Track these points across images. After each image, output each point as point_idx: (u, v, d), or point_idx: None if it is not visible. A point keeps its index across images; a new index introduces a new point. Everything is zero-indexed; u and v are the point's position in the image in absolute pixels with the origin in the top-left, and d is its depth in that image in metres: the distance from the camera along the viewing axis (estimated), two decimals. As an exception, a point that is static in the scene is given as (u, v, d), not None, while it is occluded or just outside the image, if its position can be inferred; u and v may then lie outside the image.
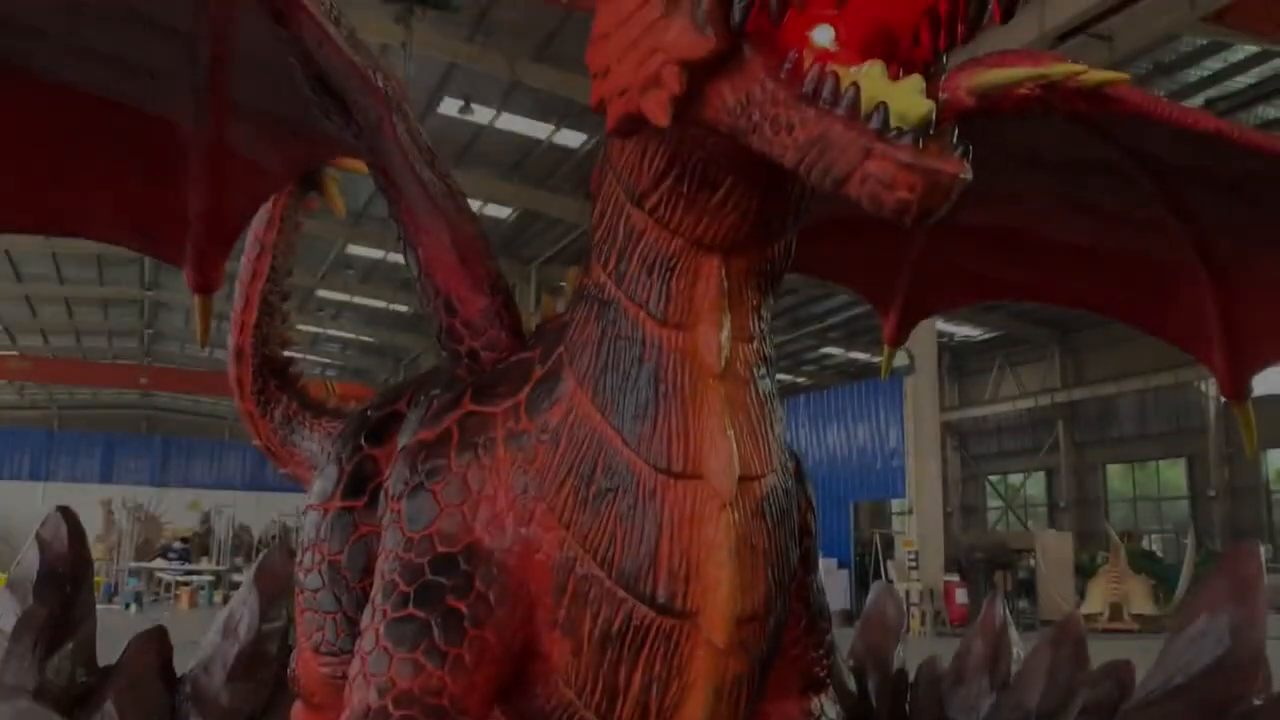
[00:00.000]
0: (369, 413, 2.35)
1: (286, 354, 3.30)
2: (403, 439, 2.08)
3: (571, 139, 20.96)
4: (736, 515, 1.61)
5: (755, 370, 1.69)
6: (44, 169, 2.55)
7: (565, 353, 1.77)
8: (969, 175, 1.19)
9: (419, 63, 16.80)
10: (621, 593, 1.64)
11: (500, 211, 25.01)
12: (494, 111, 20.17)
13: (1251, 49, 16.08)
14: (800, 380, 36.38)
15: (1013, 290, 3.44)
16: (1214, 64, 17.22)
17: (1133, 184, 2.67)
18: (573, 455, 1.69)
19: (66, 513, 3.24)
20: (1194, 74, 17.55)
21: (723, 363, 1.63)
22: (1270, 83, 17.53)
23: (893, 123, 1.18)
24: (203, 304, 2.80)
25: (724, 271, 1.65)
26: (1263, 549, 3.17)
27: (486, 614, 1.73)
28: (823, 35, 1.38)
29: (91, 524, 25.38)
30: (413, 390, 2.29)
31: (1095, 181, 2.74)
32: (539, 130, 20.89)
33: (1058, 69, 2.18)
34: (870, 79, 1.24)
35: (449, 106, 19.94)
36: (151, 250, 2.82)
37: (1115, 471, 32.21)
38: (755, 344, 1.70)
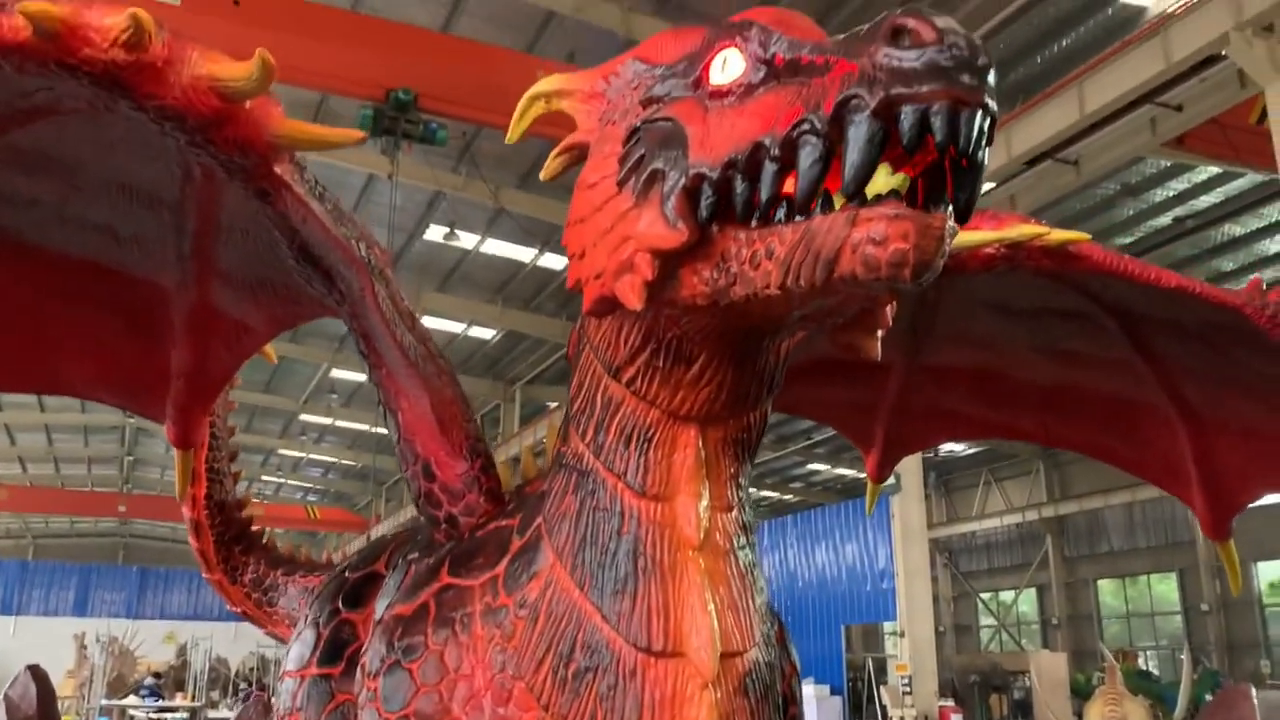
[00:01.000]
0: (347, 574, 2.32)
1: (245, 515, 3.27)
2: (380, 604, 2.06)
3: (555, 262, 21.26)
4: (719, 694, 1.58)
5: (735, 540, 1.69)
6: (29, 331, 2.57)
7: (544, 524, 1.76)
8: (956, 225, 1.22)
9: (405, 191, 17.13)
10: None
11: (484, 333, 25.18)
12: (479, 237, 20.50)
13: (1214, 170, 16.56)
14: (788, 498, 36.16)
15: (991, 429, 3.47)
16: (1179, 184, 17.68)
17: (1101, 330, 2.72)
18: (551, 632, 1.67)
19: (36, 671, 3.15)
20: (1160, 194, 18.01)
21: (702, 534, 1.63)
22: (1233, 202, 17.98)
23: (870, 197, 1.22)
24: (183, 459, 2.80)
25: (701, 441, 1.66)
26: (1261, 667, 3.12)
27: None
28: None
29: (64, 659, 24.56)
30: (391, 550, 2.27)
31: (1065, 327, 2.79)
32: (523, 254, 21.20)
33: (1021, 231, 2.25)
34: (837, 196, 1.27)
35: (434, 233, 20.26)
36: (133, 407, 2.82)
37: (1106, 587, 31.83)
38: (734, 513, 1.70)
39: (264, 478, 39.40)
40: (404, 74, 12.86)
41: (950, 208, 1.24)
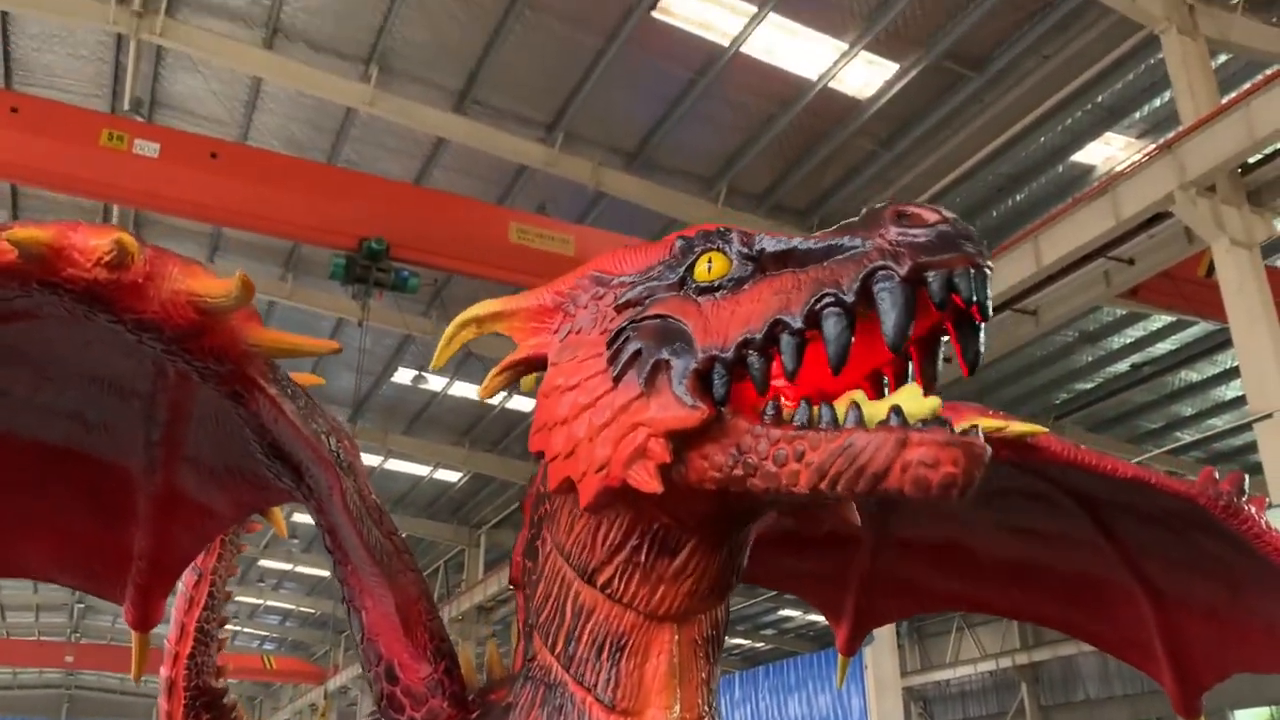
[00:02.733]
0: (304, 772, 2.25)
1: (220, 684, 3.19)
2: None
3: (523, 404, 21.28)
4: None
5: None
6: (-13, 515, 2.53)
7: None
8: (990, 449, 1.32)
9: (375, 334, 17.25)
10: None
11: (450, 476, 24.97)
12: (446, 379, 20.56)
13: (1169, 318, 17.02)
14: (759, 645, 35.43)
15: (960, 602, 3.46)
16: (1135, 331, 18.14)
17: (1063, 511, 2.76)
18: None
19: None
20: (1117, 341, 18.45)
21: None
22: (1189, 349, 18.42)
23: (910, 420, 1.30)
24: (140, 641, 2.73)
25: (675, 644, 1.65)
26: None
27: None
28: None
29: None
30: None
31: (1028, 507, 2.83)
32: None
33: (981, 424, 2.29)
34: (861, 400, 1.36)
35: (403, 375, 20.33)
36: (91, 589, 2.76)
37: (1084, 737, 31.12)
38: None
39: (220, 624, 38.14)
40: (377, 224, 13.11)
41: (980, 429, 1.34)
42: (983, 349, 1.40)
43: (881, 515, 3.09)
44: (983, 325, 1.38)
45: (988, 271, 1.33)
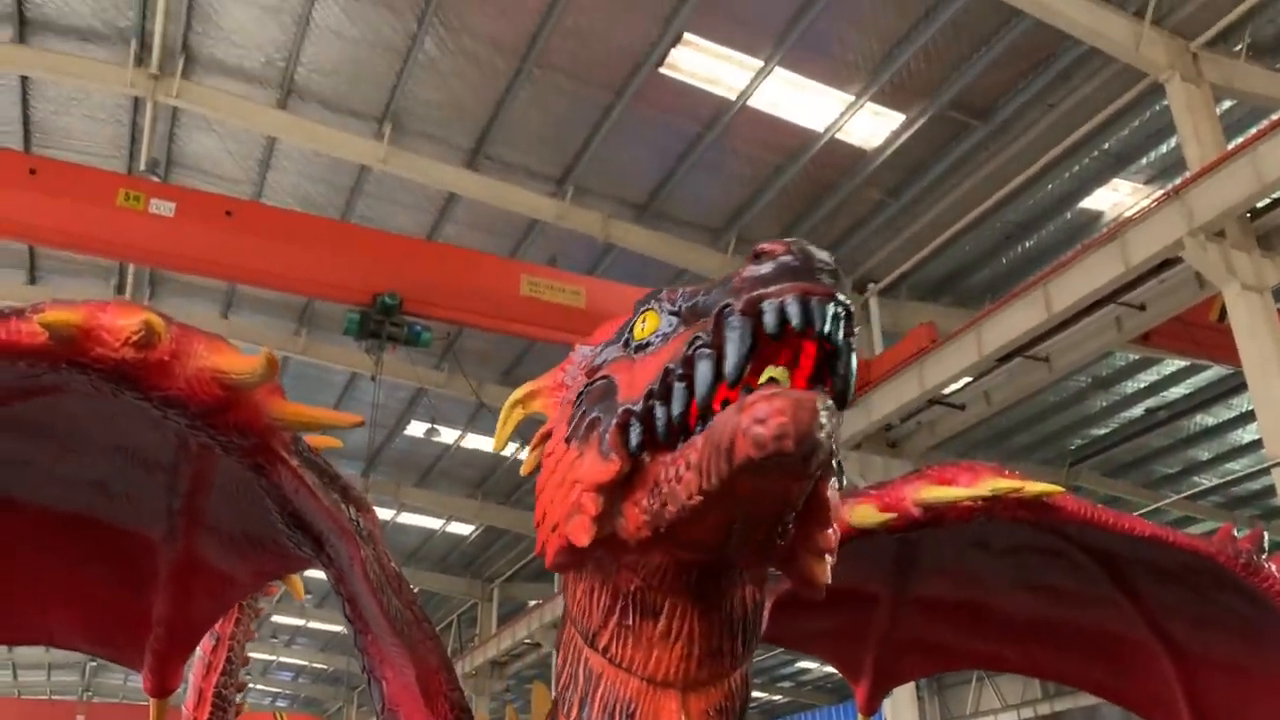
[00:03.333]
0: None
1: None
2: None
3: (536, 457, 21.23)
4: None
5: None
6: (6, 583, 2.55)
7: None
8: (827, 400, 1.30)
9: (387, 388, 17.30)
10: None
11: (463, 529, 24.89)
12: (459, 432, 20.58)
13: (1182, 362, 16.95)
14: (776, 698, 34.96)
15: (979, 660, 3.44)
16: (1149, 376, 18.05)
17: (1081, 569, 2.75)
18: None
19: None
20: (1131, 386, 18.35)
21: None
22: (1203, 393, 18.30)
23: (755, 389, 1.34)
24: (159, 708, 2.74)
25: (684, 714, 1.63)
26: None
27: None
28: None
29: None
30: None
31: (1046, 565, 2.82)
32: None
33: (996, 485, 2.31)
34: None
35: (416, 428, 20.35)
36: (110, 655, 2.77)
37: (1110, 789, 30.48)
38: None
39: (232, 681, 37.84)
40: (390, 279, 13.19)
41: (824, 390, 1.37)
42: (851, 377, 1.41)
43: (899, 574, 3.08)
44: (850, 355, 1.39)
45: (826, 298, 1.34)
